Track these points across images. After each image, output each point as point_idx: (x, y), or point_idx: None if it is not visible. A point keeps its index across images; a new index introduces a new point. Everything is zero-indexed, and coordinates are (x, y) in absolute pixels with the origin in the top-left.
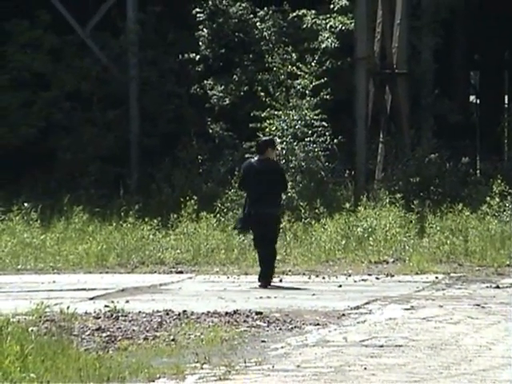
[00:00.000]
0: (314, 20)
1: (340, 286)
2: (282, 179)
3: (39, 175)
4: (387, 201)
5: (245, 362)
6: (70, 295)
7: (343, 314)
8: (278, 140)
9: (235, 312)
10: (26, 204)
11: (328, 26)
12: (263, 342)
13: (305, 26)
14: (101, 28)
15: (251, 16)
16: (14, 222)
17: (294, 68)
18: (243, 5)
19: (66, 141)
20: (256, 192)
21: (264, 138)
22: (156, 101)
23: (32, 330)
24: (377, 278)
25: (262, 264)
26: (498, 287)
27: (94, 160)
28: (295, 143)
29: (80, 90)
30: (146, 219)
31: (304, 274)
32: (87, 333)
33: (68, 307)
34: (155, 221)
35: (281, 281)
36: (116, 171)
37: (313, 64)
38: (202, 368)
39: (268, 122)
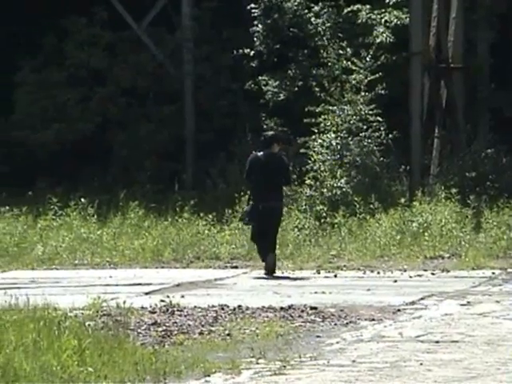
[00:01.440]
0: (368, 15)
1: (395, 281)
2: (286, 173)
3: (96, 171)
4: (443, 196)
5: (300, 357)
6: (126, 290)
7: (398, 310)
8: (333, 135)
9: (290, 307)
10: (82, 199)
11: (383, 20)
12: (318, 337)
13: (360, 20)
14: (156, 24)
15: (306, 11)
16: (71, 217)
17: (349, 63)
18: (298, 0)
19: (122, 136)
20: (261, 185)
21: (270, 133)
22: (211, 97)
23: (89, 325)
24: (432, 274)
25: (263, 254)
26: None
27: (149, 155)
28: (350, 138)
29: (136, 85)
30: (201, 214)
31: (359, 269)
32: (143, 327)
33: (124, 302)
34: (210, 216)
35: (336, 276)
36: (171, 167)
37: (368, 59)
38: (257, 363)
39: (322, 117)
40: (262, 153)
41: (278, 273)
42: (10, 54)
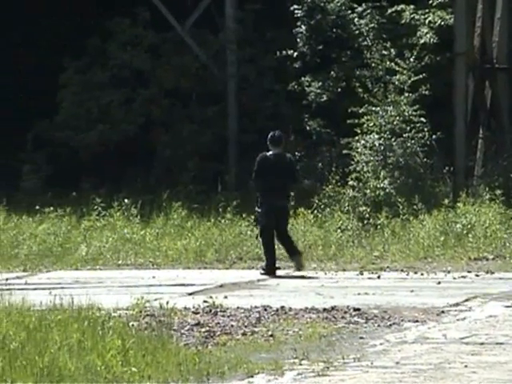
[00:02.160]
0: (412, 15)
1: (439, 282)
2: (294, 172)
3: (139, 171)
4: (487, 197)
5: (343, 359)
6: (169, 290)
7: (442, 311)
8: (376, 136)
9: (333, 308)
10: (126, 200)
11: (427, 21)
12: (361, 338)
13: (403, 21)
14: (199, 25)
15: (349, 12)
16: (114, 217)
17: (393, 64)
18: (341, 1)
19: (166, 137)
20: (272, 185)
21: (278, 132)
22: (254, 98)
23: (133, 325)
24: (476, 275)
25: (265, 254)
26: None
27: (192, 156)
28: (393, 139)
29: (179, 87)
30: (244, 215)
31: (402, 270)
32: (186, 328)
33: (167, 302)
34: (253, 217)
35: (379, 277)
36: (214, 167)
37: (411, 59)
38: (300, 364)
39: (366, 117)
40: (270, 153)
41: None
42: (55, 56)
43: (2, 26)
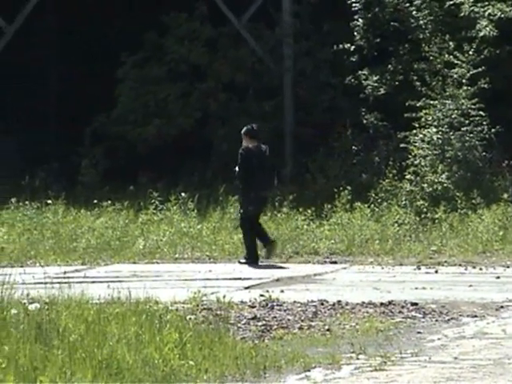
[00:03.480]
0: (471, 8)
1: (498, 277)
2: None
3: (196, 165)
4: None
5: (401, 353)
6: (225, 284)
7: (502, 306)
8: (434, 130)
9: (390, 302)
10: (183, 194)
11: (486, 13)
12: (419, 333)
13: (462, 14)
14: (256, 19)
15: (407, 5)
16: (171, 211)
17: (451, 57)
18: None
19: (222, 131)
20: (256, 175)
21: (255, 126)
22: (310, 91)
23: (190, 318)
24: None
25: (250, 243)
26: None
27: None
28: (451, 133)
29: (235, 81)
30: (301, 209)
31: (460, 265)
32: (243, 322)
33: (224, 296)
34: (309, 211)
35: (436, 272)
36: (271, 161)
37: (470, 53)
38: (357, 358)
39: (423, 111)
40: (251, 145)
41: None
42: (113, 51)
43: (61, 21)
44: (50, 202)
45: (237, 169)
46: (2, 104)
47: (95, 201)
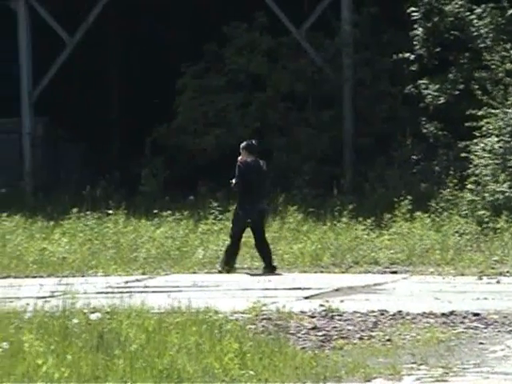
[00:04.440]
0: None
1: None
2: (267, 177)
3: None
4: None
5: (462, 364)
6: (285, 294)
7: None
8: (495, 139)
9: (451, 313)
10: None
11: None
12: (481, 344)
13: None
14: (316, 29)
15: (468, 13)
16: (230, 221)
17: None
18: (459, 2)
19: (281, 141)
20: (254, 189)
21: (254, 141)
22: (370, 101)
23: (250, 328)
24: None
25: (229, 252)
26: None
27: (308, 160)
28: None
29: (295, 90)
30: (360, 219)
31: None
32: (303, 331)
33: (284, 306)
34: (369, 220)
35: (498, 282)
36: (330, 171)
37: None
38: (418, 369)
39: (484, 120)
40: (250, 159)
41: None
42: (173, 61)
43: (122, 32)
44: (110, 211)
45: (233, 181)
46: (64, 114)
47: (155, 211)
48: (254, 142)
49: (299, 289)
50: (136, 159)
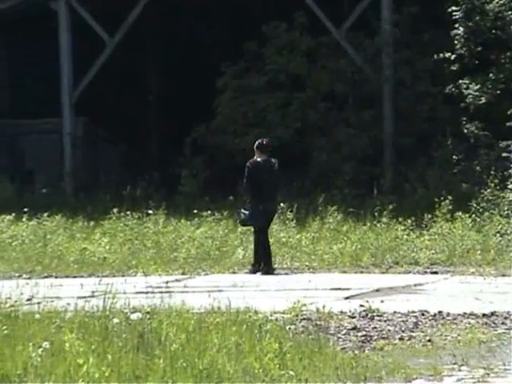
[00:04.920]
0: None
1: None
2: (279, 176)
3: (295, 175)
4: None
5: (504, 365)
6: (325, 294)
7: None
8: None
9: (493, 313)
10: (281, 204)
11: None
12: None
13: None
14: (355, 29)
15: (509, 12)
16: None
17: None
18: (501, 1)
19: (321, 141)
20: (268, 189)
21: (266, 140)
22: (410, 101)
23: (289, 328)
24: None
25: (265, 253)
26: None
27: (348, 160)
28: None
29: (334, 90)
30: (400, 219)
31: None
32: (343, 332)
33: (324, 306)
34: (409, 221)
35: None
36: (370, 171)
37: None
38: (459, 370)
39: None
40: (260, 158)
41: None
42: (213, 61)
43: (161, 32)
44: (150, 212)
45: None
46: (104, 114)
47: (195, 211)
48: (265, 141)
49: (339, 289)
50: (175, 159)
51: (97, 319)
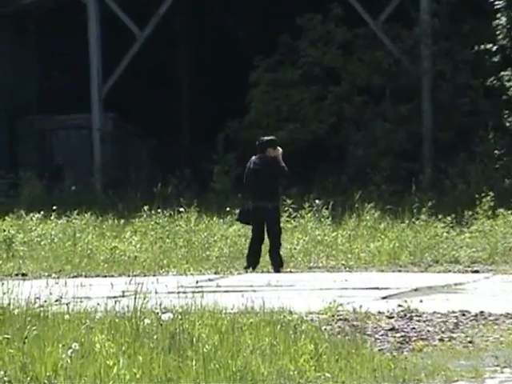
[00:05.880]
0: None
1: None
2: (276, 172)
3: (330, 171)
4: None
5: None
6: (362, 294)
7: None
8: None
9: None
10: (317, 201)
11: None
12: None
13: None
14: (393, 20)
15: None
16: (305, 219)
17: None
18: None
19: (358, 136)
20: (253, 186)
21: (265, 139)
22: (450, 94)
23: (325, 329)
24: None
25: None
26: None
27: (385, 155)
28: None
29: (371, 83)
30: (440, 216)
31: None
32: (380, 333)
33: (361, 306)
34: (449, 218)
35: None
36: (408, 167)
37: None
38: (502, 372)
39: None
40: (256, 156)
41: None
42: (245, 54)
43: (192, 25)
44: (182, 209)
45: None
46: (134, 109)
47: (228, 208)
48: (262, 139)
49: (376, 288)
50: (207, 155)
51: (127, 320)
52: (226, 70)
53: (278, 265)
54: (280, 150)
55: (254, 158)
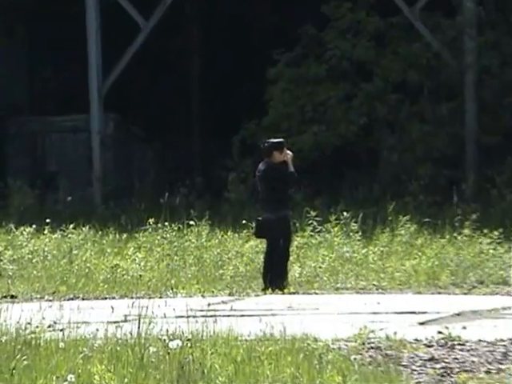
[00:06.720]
0: None
1: None
2: (282, 178)
3: (360, 179)
4: None
5: None
6: (396, 319)
7: None
8: None
9: None
10: (345, 213)
11: None
12: None
13: None
14: (431, 8)
15: None
16: (331, 233)
17: None
18: None
19: (392, 139)
20: (260, 197)
21: (271, 141)
22: (496, 92)
23: (355, 359)
24: None
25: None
26: None
27: (423, 161)
28: None
29: (407, 80)
30: (485, 231)
31: None
32: (418, 363)
33: (395, 333)
34: (496, 233)
35: None
36: (449, 174)
37: None
38: None
39: None
40: (262, 162)
41: None
42: (263, 47)
43: (202, 14)
44: (192, 222)
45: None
46: (138, 110)
47: (244, 221)
48: (266, 141)
49: (413, 313)
50: (221, 161)
51: (130, 348)
52: (242, 65)
53: (274, 285)
54: (290, 153)
55: (260, 164)
